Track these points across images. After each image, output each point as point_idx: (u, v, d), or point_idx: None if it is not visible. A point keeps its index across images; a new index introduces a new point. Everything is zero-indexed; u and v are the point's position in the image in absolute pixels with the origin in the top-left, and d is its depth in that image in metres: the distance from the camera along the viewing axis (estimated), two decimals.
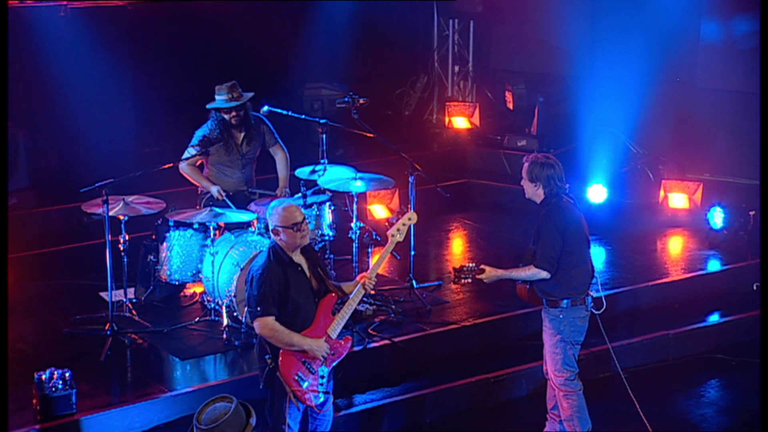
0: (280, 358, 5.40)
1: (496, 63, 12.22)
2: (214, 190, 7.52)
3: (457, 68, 12.27)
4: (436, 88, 12.27)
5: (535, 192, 6.11)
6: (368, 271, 5.76)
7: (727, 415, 7.14)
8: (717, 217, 9.28)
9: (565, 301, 6.05)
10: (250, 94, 7.64)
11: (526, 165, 6.14)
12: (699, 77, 10.66)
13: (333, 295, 5.62)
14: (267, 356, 5.42)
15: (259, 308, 5.35)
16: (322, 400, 5.52)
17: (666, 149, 10.72)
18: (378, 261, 5.80)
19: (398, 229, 5.78)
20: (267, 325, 5.35)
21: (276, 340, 5.38)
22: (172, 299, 7.71)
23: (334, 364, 5.59)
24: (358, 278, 5.74)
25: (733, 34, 10.40)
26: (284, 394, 5.44)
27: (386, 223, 7.40)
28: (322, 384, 5.51)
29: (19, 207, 9.06)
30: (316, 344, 5.44)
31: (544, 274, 5.98)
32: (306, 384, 5.44)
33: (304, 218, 5.53)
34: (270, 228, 5.54)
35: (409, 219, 5.92)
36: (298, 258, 5.56)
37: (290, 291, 5.45)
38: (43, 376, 6.12)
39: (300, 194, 7.46)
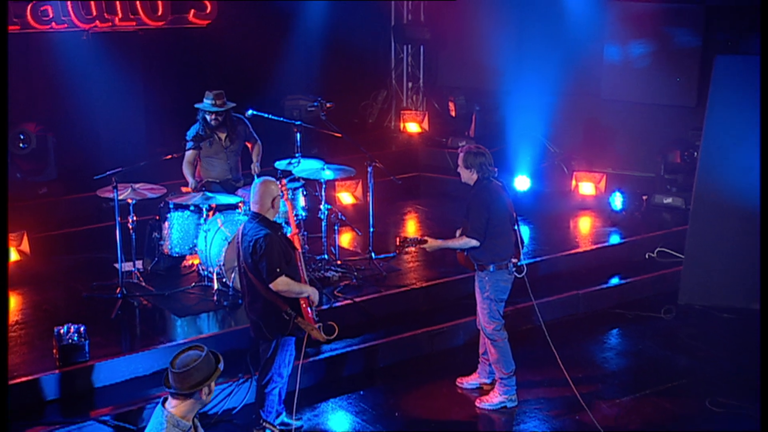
0: (303, 305, 5.30)
1: (442, 79, 12.08)
2: (191, 182, 7.33)
3: (410, 84, 12.14)
4: (394, 101, 12.12)
5: (470, 176, 5.94)
6: (293, 230, 5.71)
7: (625, 357, 7.06)
8: (617, 201, 9.27)
9: (491, 265, 5.90)
10: (232, 104, 7.42)
11: (461, 154, 5.97)
12: (603, 90, 10.57)
13: (298, 248, 5.50)
14: (284, 312, 5.25)
15: (278, 270, 5.18)
16: None
17: (577, 148, 10.63)
18: (292, 220, 5.89)
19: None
20: (284, 282, 5.20)
21: (290, 292, 5.25)
22: (173, 269, 7.47)
23: None
24: (290, 236, 5.63)
25: (630, 56, 10.33)
26: (299, 335, 5.35)
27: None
28: (319, 319, 5.47)
29: (48, 195, 8.89)
30: (313, 290, 5.38)
31: (474, 243, 5.82)
32: (317, 320, 5.39)
33: None
34: (267, 201, 5.32)
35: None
36: None
37: (289, 250, 5.34)
38: (62, 330, 5.89)
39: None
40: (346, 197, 9.42)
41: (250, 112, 7.57)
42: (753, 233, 7.59)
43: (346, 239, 8.48)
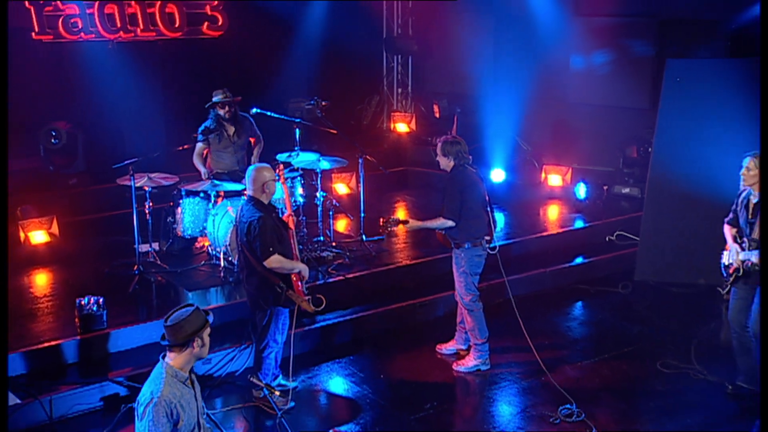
0: (294, 279, 5.13)
1: (428, 85, 11.93)
2: (203, 171, 7.12)
3: (400, 90, 11.96)
4: (386, 104, 11.94)
5: (447, 163, 5.77)
6: (288, 211, 5.51)
7: (586, 326, 6.92)
8: (581, 191, 9.10)
9: (467, 243, 5.73)
10: (239, 97, 7.24)
11: (439, 144, 5.80)
12: (569, 95, 10.43)
13: (291, 228, 5.31)
14: (277, 285, 5.06)
15: (271, 249, 4.99)
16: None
17: (546, 145, 10.47)
18: (288, 204, 5.66)
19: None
20: (277, 260, 5.03)
21: (282, 268, 5.07)
22: (186, 249, 7.31)
23: None
24: (284, 217, 5.43)
25: (593, 64, 10.19)
26: (291, 306, 5.15)
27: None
28: (308, 292, 5.29)
29: (77, 185, 8.75)
30: (304, 266, 5.21)
31: (450, 223, 5.66)
32: (306, 293, 5.21)
33: None
34: (258, 186, 5.15)
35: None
36: None
37: (281, 230, 5.14)
38: (83, 301, 5.73)
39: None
40: (341, 187, 9.26)
41: (254, 110, 7.41)
42: (699, 217, 7.46)
43: (340, 224, 8.31)
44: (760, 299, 5.08)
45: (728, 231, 5.50)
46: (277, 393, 3.90)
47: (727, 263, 5.44)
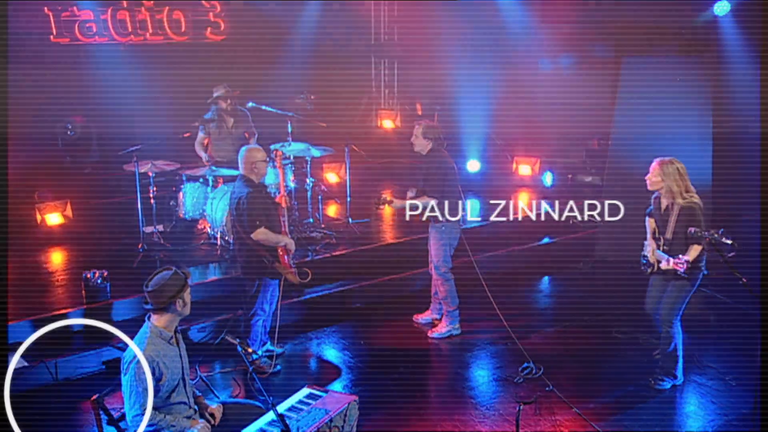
0: (280, 252, 4.92)
1: (411, 86, 11.75)
2: (204, 157, 6.93)
3: (386, 90, 11.79)
4: (374, 104, 11.77)
5: (425, 146, 5.58)
6: (281, 192, 5.25)
7: (551, 298, 6.81)
8: (548, 179, 8.94)
9: (445, 218, 5.57)
10: (237, 91, 7.06)
11: (419, 127, 5.61)
12: (538, 93, 10.24)
13: (282, 205, 5.12)
14: (264, 258, 4.87)
15: (258, 222, 4.78)
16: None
17: (517, 139, 10.31)
18: (282, 186, 5.38)
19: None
20: (263, 232, 4.83)
21: (268, 241, 4.86)
22: (187, 230, 7.11)
23: None
24: (277, 199, 5.21)
25: (560, 65, 10.02)
26: (279, 278, 4.93)
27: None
28: (294, 266, 5.08)
29: (91, 174, 8.56)
30: (290, 240, 5.00)
31: (433, 201, 5.50)
32: (293, 266, 5.03)
33: None
34: (248, 165, 4.97)
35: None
36: None
37: (270, 206, 4.94)
38: (89, 275, 5.55)
39: (270, 159, 6.90)
40: (331, 176, 9.08)
41: (250, 104, 7.23)
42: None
43: (330, 209, 8.13)
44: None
45: (649, 223, 5.34)
46: (250, 350, 3.74)
47: (646, 254, 5.25)
